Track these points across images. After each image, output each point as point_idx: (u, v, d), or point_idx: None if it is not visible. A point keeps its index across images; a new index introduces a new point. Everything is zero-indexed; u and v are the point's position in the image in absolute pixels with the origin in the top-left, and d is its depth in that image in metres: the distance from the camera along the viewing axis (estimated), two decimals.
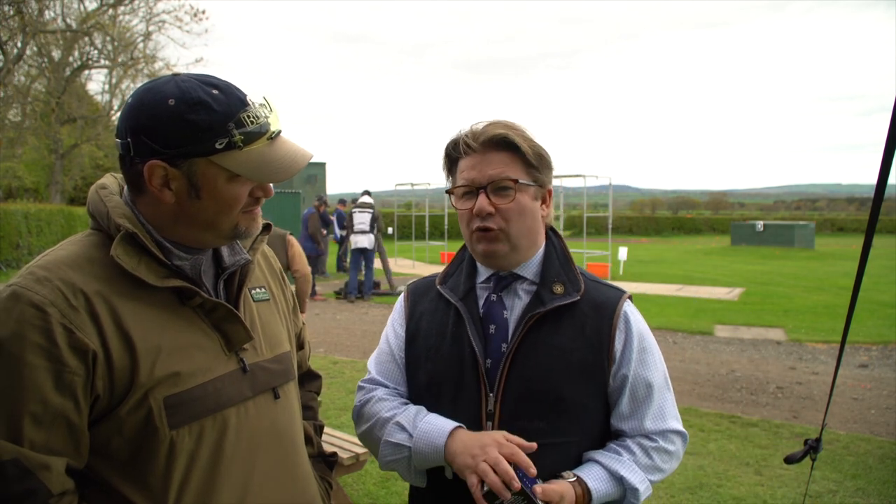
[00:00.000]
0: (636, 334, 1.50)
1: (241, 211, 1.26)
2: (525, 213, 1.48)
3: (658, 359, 1.54)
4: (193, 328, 1.24)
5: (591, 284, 1.54)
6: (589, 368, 1.46)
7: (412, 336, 1.61)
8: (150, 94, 1.18)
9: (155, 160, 1.17)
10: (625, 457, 1.46)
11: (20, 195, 28.22)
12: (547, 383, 1.44)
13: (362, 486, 4.23)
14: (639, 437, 1.50)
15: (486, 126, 1.50)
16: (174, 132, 1.15)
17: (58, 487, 1.10)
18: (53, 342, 1.09)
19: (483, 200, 1.46)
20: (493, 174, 1.46)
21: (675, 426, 1.53)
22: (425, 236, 22.38)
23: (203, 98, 1.16)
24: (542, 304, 1.48)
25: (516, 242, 1.49)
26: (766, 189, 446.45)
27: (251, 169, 1.20)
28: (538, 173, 1.49)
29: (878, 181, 1.87)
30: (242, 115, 1.18)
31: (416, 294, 1.67)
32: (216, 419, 1.23)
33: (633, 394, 1.49)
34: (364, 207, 13.15)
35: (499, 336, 1.50)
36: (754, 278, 16.93)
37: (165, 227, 1.25)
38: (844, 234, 51.43)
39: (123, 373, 1.14)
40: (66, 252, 1.20)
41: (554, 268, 1.53)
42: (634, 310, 1.55)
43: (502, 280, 1.54)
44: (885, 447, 5.08)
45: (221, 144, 1.17)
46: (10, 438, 1.07)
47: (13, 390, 1.08)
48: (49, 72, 25.39)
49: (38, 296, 1.11)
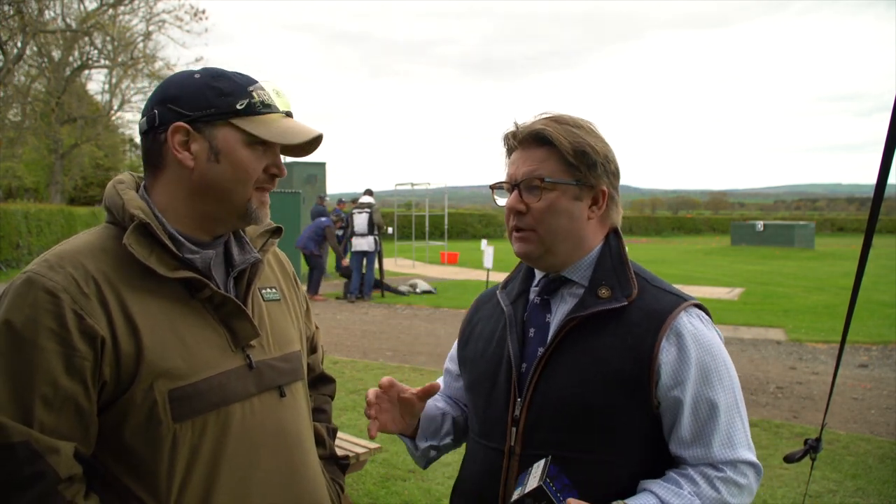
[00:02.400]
0: (694, 348, 1.33)
1: (256, 187, 1.30)
2: (558, 214, 1.39)
3: (727, 376, 1.35)
4: (201, 322, 1.26)
5: (651, 290, 1.40)
6: (628, 382, 1.32)
7: (465, 341, 1.61)
8: (177, 74, 1.33)
9: (179, 122, 1.25)
10: (685, 489, 1.29)
11: (20, 195, 28.24)
12: (576, 394, 1.34)
13: (362, 486, 4.23)
14: (702, 466, 1.32)
15: (533, 120, 1.44)
16: (199, 96, 1.25)
17: (66, 472, 1.11)
18: (65, 327, 1.12)
19: (514, 198, 1.41)
20: (525, 171, 1.40)
21: (747, 456, 1.33)
22: (425, 236, 22.38)
23: (224, 72, 1.30)
24: (583, 309, 1.38)
25: (550, 244, 1.40)
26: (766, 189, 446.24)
27: (268, 131, 1.27)
28: (579, 171, 1.39)
29: (878, 181, 1.87)
30: (258, 90, 1.29)
31: (481, 301, 1.66)
32: (220, 414, 1.24)
33: (694, 416, 1.32)
34: (363, 208, 13.16)
35: (537, 340, 1.44)
36: (754, 278, 16.93)
37: (181, 211, 1.29)
38: (844, 234, 51.41)
39: (129, 360, 1.16)
40: (81, 241, 1.25)
41: (604, 270, 1.41)
42: (697, 321, 1.37)
43: (551, 283, 1.47)
44: (885, 447, 5.08)
45: (242, 105, 1.26)
46: (21, 420, 1.09)
47: (26, 373, 1.11)
48: (49, 72, 25.41)
49: (51, 282, 1.14)
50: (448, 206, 24.23)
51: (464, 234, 38.04)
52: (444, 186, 23.40)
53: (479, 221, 39.92)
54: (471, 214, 41.02)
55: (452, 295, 13.54)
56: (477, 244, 16.28)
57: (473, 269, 18.95)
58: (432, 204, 23.33)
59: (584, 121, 1.45)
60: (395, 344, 8.94)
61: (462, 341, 1.63)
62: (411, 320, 10.90)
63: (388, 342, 9.07)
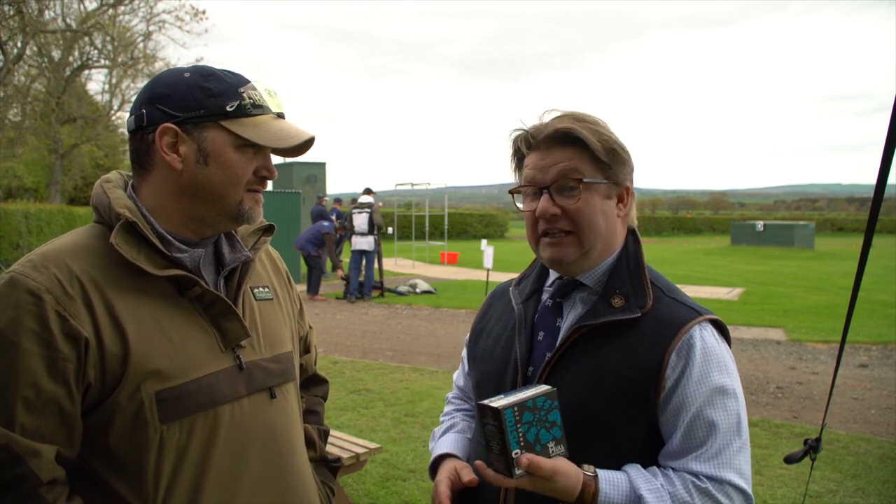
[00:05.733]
0: (702, 364, 1.29)
1: (247, 189, 1.28)
2: (596, 214, 1.35)
3: (733, 398, 1.30)
4: (190, 322, 1.24)
5: (666, 301, 1.36)
6: (634, 394, 1.29)
7: (476, 336, 1.60)
8: (167, 72, 1.29)
9: (167, 123, 1.22)
10: (658, 481, 1.26)
11: (20, 195, 28.22)
12: (581, 402, 1.31)
13: (362, 486, 4.23)
14: (685, 473, 1.28)
15: (552, 119, 1.39)
16: (188, 97, 1.22)
17: (47, 475, 1.09)
18: (48, 328, 1.10)
19: (546, 202, 1.35)
20: (556, 172, 1.34)
21: (733, 479, 1.26)
22: (425, 236, 22.37)
23: (215, 71, 1.27)
24: (594, 317, 1.34)
25: (589, 247, 1.36)
26: (766, 189, 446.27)
27: (258, 134, 1.25)
28: (610, 169, 1.36)
29: (878, 181, 1.87)
30: (249, 91, 1.26)
31: (494, 296, 1.64)
32: (208, 416, 1.22)
33: (689, 432, 1.28)
34: (362, 208, 13.15)
35: (545, 344, 1.41)
36: (754, 278, 16.92)
37: (169, 211, 1.26)
38: (844, 234, 51.39)
39: (115, 362, 1.14)
40: (66, 241, 1.22)
41: (620, 277, 1.37)
42: (710, 337, 1.32)
43: (564, 286, 1.43)
44: (885, 447, 5.08)
45: (232, 107, 1.23)
46: (1, 423, 1.08)
47: (7, 375, 1.09)
48: (49, 72, 25.39)
49: (34, 282, 1.12)
50: (448, 206, 24.23)
51: (464, 234, 38.02)
52: (444, 186, 23.42)
53: (479, 221, 39.90)
54: (471, 214, 41.01)
55: (452, 295, 13.53)
56: (477, 244, 16.28)
57: (473, 269, 18.94)
58: (432, 204, 23.34)
59: (598, 118, 1.41)
60: (395, 344, 8.94)
61: (473, 337, 1.62)
62: (411, 320, 10.89)
63: (388, 342, 9.06)
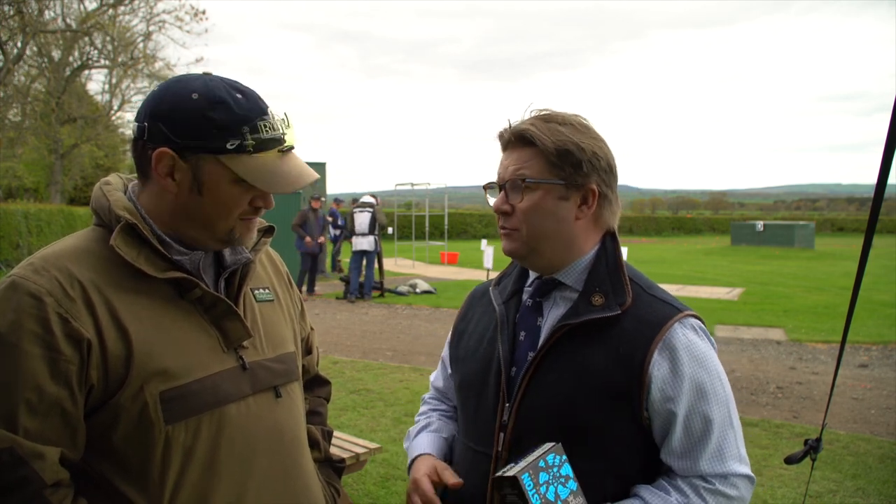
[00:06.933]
0: (688, 361, 1.31)
1: (240, 217, 1.26)
2: (541, 214, 1.37)
3: (722, 390, 1.34)
4: (192, 323, 1.24)
5: (646, 298, 1.37)
6: (617, 393, 1.30)
7: (458, 337, 1.60)
8: (177, 84, 1.22)
9: (165, 148, 1.19)
10: (673, 497, 1.29)
11: (20, 195, 28.21)
12: (564, 403, 1.32)
13: (362, 486, 4.23)
14: (692, 477, 1.31)
15: (523, 118, 1.42)
16: (190, 125, 1.18)
17: (51, 477, 1.10)
18: (49, 331, 1.10)
19: (500, 199, 1.41)
20: (511, 171, 1.39)
21: (737, 469, 1.32)
22: (425, 236, 22.37)
23: (225, 98, 1.19)
24: (575, 316, 1.35)
25: (534, 245, 1.39)
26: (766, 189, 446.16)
27: (255, 175, 1.21)
28: (563, 171, 1.36)
29: (878, 181, 1.87)
30: (259, 123, 1.20)
31: (475, 297, 1.64)
32: (214, 415, 1.22)
33: (688, 430, 1.31)
34: (364, 207, 13.15)
35: (527, 344, 1.42)
36: (754, 278, 16.91)
37: (165, 220, 1.26)
38: (844, 234, 51.39)
39: (118, 363, 1.14)
40: (67, 244, 1.22)
41: (599, 276, 1.38)
42: (691, 332, 1.34)
43: (543, 285, 1.44)
44: (885, 447, 5.08)
45: (232, 145, 1.19)
46: (5, 426, 1.08)
47: (10, 379, 1.09)
48: (49, 72, 25.38)
49: (35, 285, 1.12)
50: (448, 206, 24.24)
51: (464, 234, 38.04)
52: (444, 186, 23.42)
53: (479, 221, 39.91)
54: (471, 214, 41.02)
55: (452, 295, 13.53)
56: (477, 244, 16.28)
57: (473, 269, 18.93)
58: (432, 204, 23.33)
59: (576, 117, 1.41)
60: (395, 344, 8.94)
61: (454, 339, 1.62)
62: (411, 320, 10.90)
63: (388, 342, 9.07)
